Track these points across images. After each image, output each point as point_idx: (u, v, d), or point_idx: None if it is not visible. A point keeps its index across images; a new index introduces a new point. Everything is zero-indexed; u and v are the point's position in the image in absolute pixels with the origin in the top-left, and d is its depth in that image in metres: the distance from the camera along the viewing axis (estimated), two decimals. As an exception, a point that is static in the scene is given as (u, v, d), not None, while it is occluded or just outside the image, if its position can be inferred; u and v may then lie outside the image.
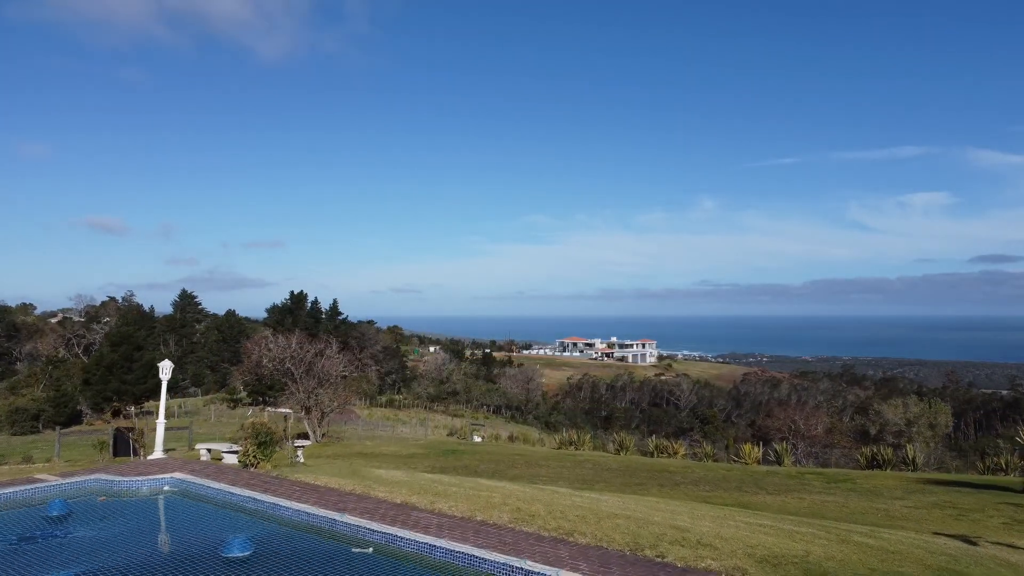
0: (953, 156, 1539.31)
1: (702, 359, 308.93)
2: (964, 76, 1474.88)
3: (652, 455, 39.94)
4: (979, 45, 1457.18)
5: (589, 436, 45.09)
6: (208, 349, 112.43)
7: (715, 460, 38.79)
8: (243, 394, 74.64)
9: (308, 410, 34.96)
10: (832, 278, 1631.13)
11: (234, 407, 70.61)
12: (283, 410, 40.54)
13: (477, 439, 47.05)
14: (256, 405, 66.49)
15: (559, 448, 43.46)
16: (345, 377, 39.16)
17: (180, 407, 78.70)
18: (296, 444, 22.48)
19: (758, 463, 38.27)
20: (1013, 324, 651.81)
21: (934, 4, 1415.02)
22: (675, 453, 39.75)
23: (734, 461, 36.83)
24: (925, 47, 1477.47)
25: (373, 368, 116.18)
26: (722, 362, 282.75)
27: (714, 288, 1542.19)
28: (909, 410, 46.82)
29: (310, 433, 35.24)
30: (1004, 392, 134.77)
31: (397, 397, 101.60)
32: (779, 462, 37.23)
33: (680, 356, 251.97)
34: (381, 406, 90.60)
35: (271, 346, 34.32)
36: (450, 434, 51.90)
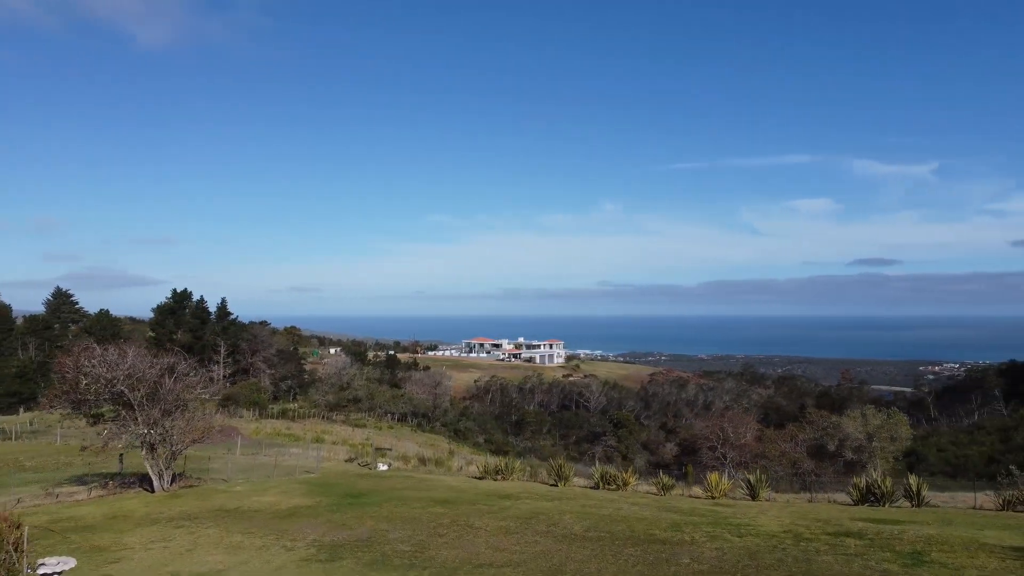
0: (836, 164, 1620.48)
1: (603, 358, 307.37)
2: (847, 89, 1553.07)
3: (599, 487, 32.39)
4: (860, 62, 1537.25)
5: (519, 463, 36.98)
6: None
7: (689, 494, 31.54)
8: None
9: (152, 447, 25.56)
10: (726, 279, 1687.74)
11: (94, 423, 59.06)
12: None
13: (383, 467, 38.29)
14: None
15: (483, 477, 35.35)
16: (207, 400, 29.79)
17: (31, 423, 66.40)
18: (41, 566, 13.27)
19: (726, 495, 31.33)
20: (890, 324, 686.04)
21: (816, 25, 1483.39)
22: (625, 484, 32.26)
23: (706, 497, 29.66)
24: (812, 63, 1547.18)
25: (266, 373, 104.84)
26: (625, 361, 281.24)
27: (614, 288, 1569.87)
28: (869, 423, 41.02)
29: (154, 479, 25.82)
30: (908, 391, 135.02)
31: (292, 406, 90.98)
32: (753, 494, 30.35)
33: (582, 355, 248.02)
34: (273, 417, 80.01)
35: (94, 361, 24.69)
36: (351, 459, 42.90)
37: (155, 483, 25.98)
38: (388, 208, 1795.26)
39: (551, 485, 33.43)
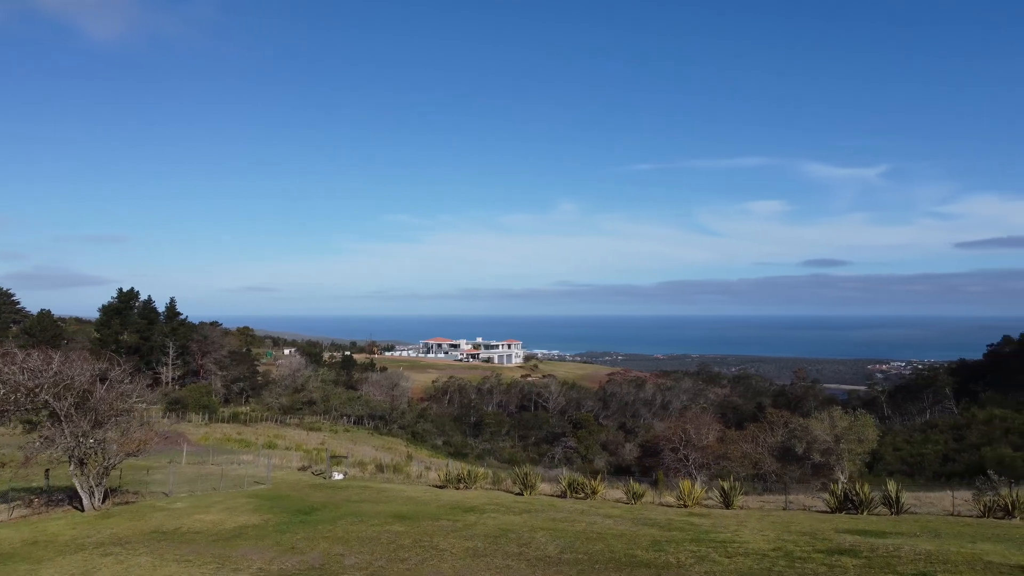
0: (789, 167, 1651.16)
1: (561, 358, 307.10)
2: (800, 93, 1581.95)
3: (567, 495, 30.75)
4: (813, 67, 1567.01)
5: (482, 471, 35.16)
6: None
7: (660, 502, 29.98)
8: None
9: (82, 462, 23.10)
10: (682, 279, 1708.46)
11: (30, 430, 55.55)
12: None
13: (338, 476, 36.11)
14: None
15: (445, 486, 33.48)
16: (146, 408, 27.33)
17: (-38, 431, 62.34)
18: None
19: (699, 503, 29.95)
20: (840, 324, 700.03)
21: (770, 29, 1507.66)
22: (594, 492, 30.69)
23: (679, 506, 28.17)
24: (766, 67, 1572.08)
25: (217, 375, 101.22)
26: (583, 361, 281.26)
27: (573, 288, 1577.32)
28: (836, 425, 40.15)
29: (84, 497, 23.33)
30: (862, 389, 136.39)
31: (244, 409, 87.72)
32: (727, 502, 29.00)
33: (540, 355, 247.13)
34: (224, 421, 76.82)
35: (13, 368, 22.04)
36: (304, 467, 40.60)
37: (85, 501, 23.52)
38: (347, 207, 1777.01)
39: (516, 494, 31.74)
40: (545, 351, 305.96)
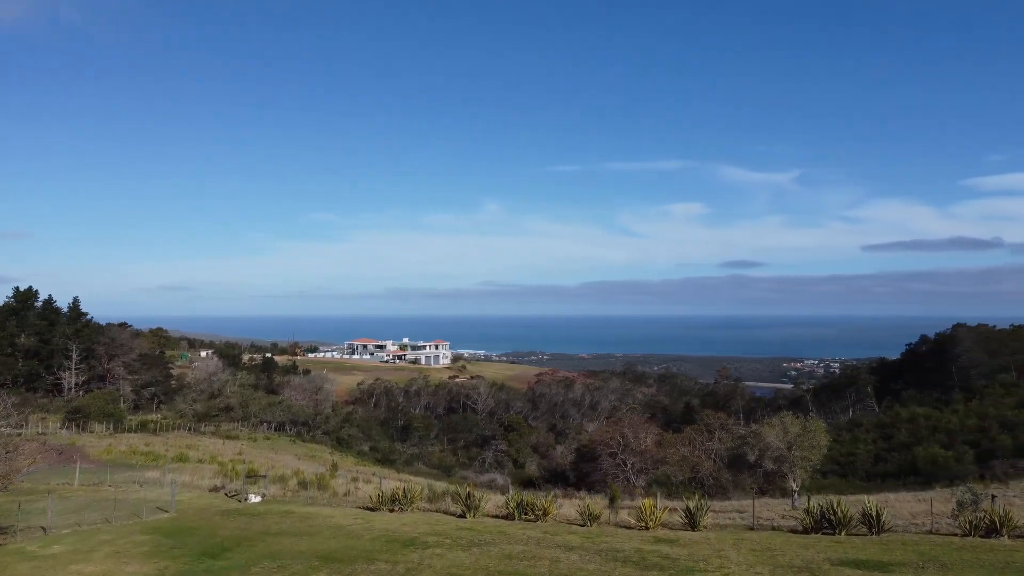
0: (707, 171, 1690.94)
1: (487, 358, 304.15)
2: (717, 98, 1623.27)
3: (515, 517, 27.30)
4: (729, 72, 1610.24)
5: (418, 490, 31.33)
6: None
7: (617, 522, 26.75)
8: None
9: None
10: (605, 280, 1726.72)
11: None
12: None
13: (256, 499, 31.74)
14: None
15: (377, 508, 29.58)
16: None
17: None
18: None
19: (662, 525, 26.97)
20: (756, 323, 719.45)
21: (689, 33, 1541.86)
22: (545, 513, 27.33)
23: (639, 527, 24.99)
24: (685, 71, 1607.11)
25: (126, 380, 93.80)
26: (510, 361, 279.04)
27: (498, 288, 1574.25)
28: (789, 431, 38.05)
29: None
30: (787, 387, 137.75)
31: (154, 417, 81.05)
32: (692, 523, 26.07)
33: (466, 355, 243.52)
34: (131, 431, 70.35)
35: None
36: (217, 488, 35.91)
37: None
38: (267, 205, 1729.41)
39: (458, 516, 28.14)
40: (472, 351, 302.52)
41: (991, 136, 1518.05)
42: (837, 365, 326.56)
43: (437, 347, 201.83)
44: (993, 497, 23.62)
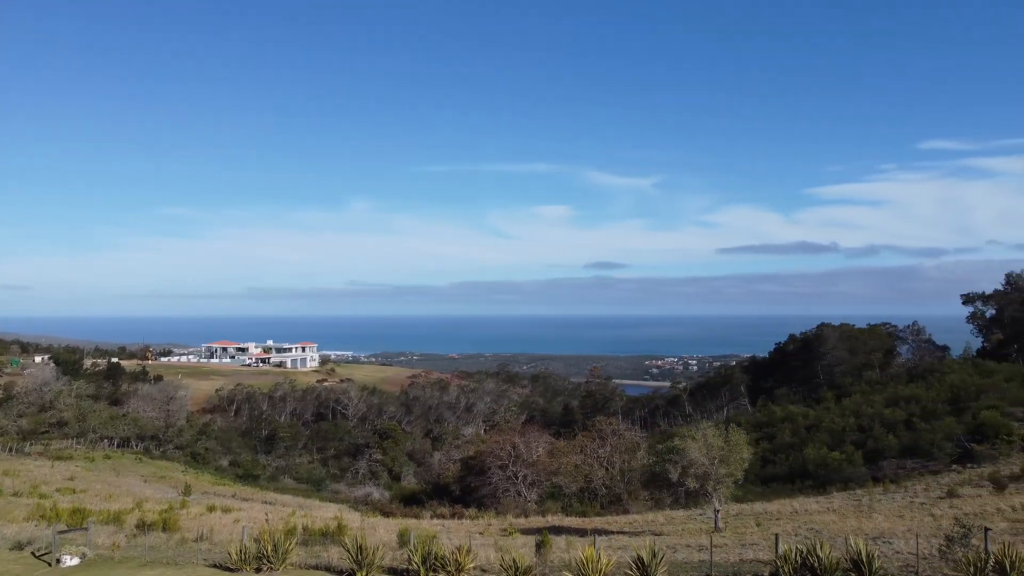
0: (574, 175, 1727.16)
1: (356, 359, 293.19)
2: (584, 103, 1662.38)
3: (419, 573, 21.19)
4: (594, 79, 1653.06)
5: (292, 544, 24.44)
6: None
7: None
8: None
9: None
10: (475, 280, 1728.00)
11: None
12: None
13: (73, 561, 23.90)
14: None
15: (238, 569, 22.70)
16: None
17: None
18: None
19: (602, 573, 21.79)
20: (620, 322, 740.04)
21: (559, 40, 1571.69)
22: (459, 569, 21.47)
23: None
24: (552, 76, 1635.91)
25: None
26: (380, 363, 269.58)
27: (366, 288, 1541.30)
28: (712, 444, 34.20)
29: None
30: (665, 388, 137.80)
31: (-34, 437, 68.43)
32: (644, 573, 21.09)
33: (334, 357, 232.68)
34: (-67, 455, 58.36)
35: None
36: (22, 545, 27.50)
37: None
38: (117, 198, 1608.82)
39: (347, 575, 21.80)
40: (340, 352, 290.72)
41: (829, 149, 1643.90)
42: (695, 362, 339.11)
43: (304, 349, 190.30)
44: (987, 530, 19.97)
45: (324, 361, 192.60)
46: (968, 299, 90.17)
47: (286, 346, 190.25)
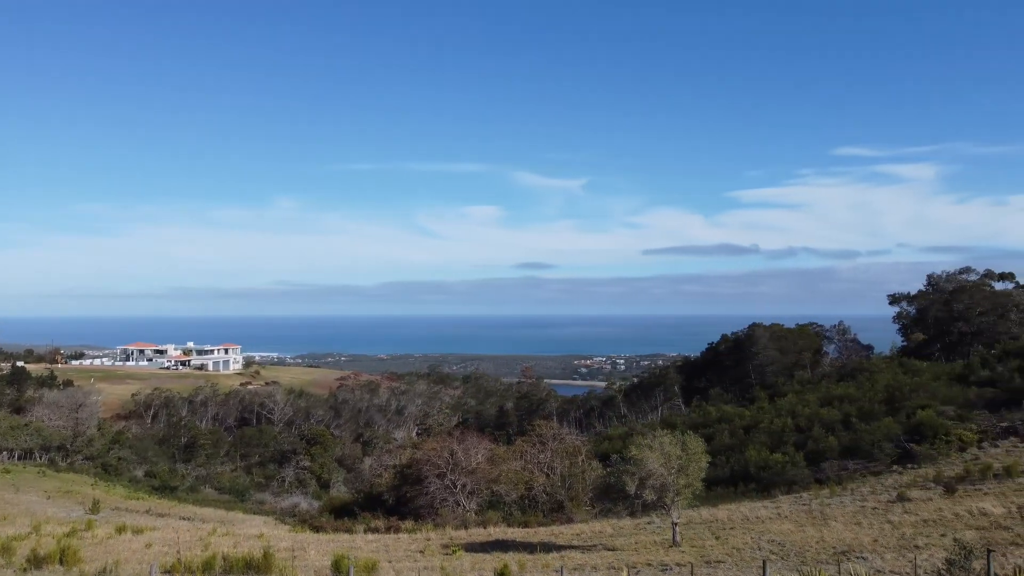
0: (504, 175, 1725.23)
1: (282, 361, 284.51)
2: (513, 104, 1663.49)
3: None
4: (522, 79, 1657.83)
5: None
6: None
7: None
8: None
9: None
10: (404, 280, 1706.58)
11: None
12: None
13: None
14: None
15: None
16: None
17: None
18: None
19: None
20: (549, 322, 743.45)
21: (485, 42, 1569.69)
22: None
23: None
24: (482, 75, 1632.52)
25: None
26: (307, 364, 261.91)
27: (292, 288, 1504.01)
28: (669, 453, 32.20)
29: None
30: (599, 388, 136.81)
31: None
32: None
33: (258, 358, 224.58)
34: None
35: None
36: None
37: None
38: (24, 194, 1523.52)
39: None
40: (265, 354, 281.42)
41: (749, 153, 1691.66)
42: (623, 361, 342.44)
43: (227, 351, 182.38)
44: (990, 551, 18.30)
45: (248, 363, 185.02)
46: (895, 299, 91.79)
47: (208, 348, 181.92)
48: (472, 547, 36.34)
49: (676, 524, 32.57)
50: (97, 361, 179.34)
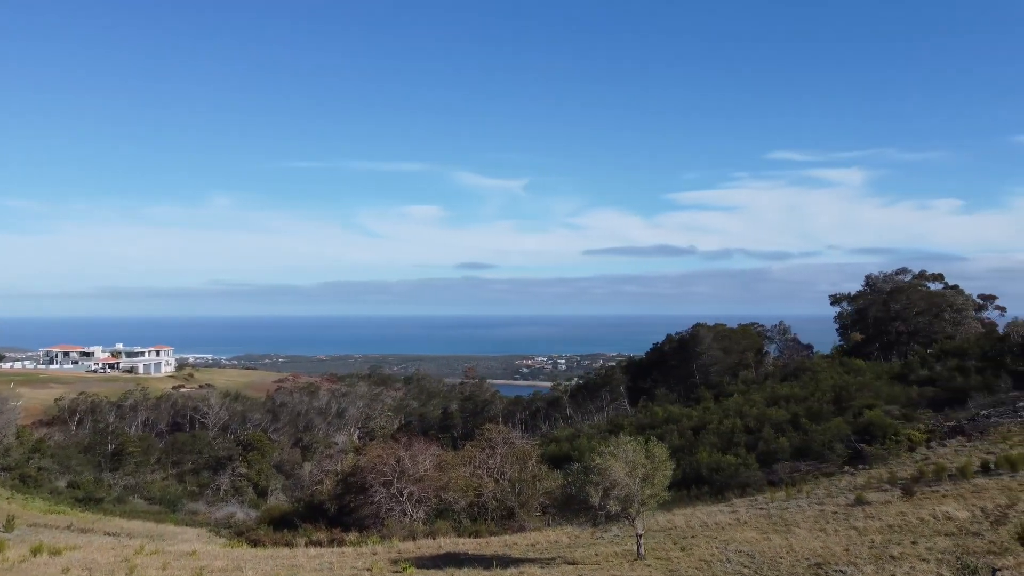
0: (444, 175, 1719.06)
1: (217, 362, 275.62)
2: (455, 104, 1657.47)
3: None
4: (463, 80, 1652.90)
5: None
6: None
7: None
8: None
9: None
10: (344, 280, 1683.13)
11: None
12: None
13: None
14: None
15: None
16: None
17: None
18: None
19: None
20: (490, 322, 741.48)
21: (426, 45, 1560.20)
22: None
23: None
24: (423, 77, 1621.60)
25: None
26: (244, 367, 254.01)
27: (227, 287, 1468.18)
28: (634, 462, 30.46)
29: None
30: (546, 388, 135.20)
31: None
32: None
33: (192, 360, 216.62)
34: None
35: None
36: None
37: None
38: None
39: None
40: (199, 355, 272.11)
41: (685, 156, 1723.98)
42: (564, 361, 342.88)
43: (159, 353, 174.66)
44: (995, 570, 17.00)
45: (182, 365, 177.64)
46: (836, 299, 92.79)
47: (138, 350, 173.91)
48: (422, 562, 33.91)
49: (640, 535, 30.86)
50: (18, 364, 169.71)
